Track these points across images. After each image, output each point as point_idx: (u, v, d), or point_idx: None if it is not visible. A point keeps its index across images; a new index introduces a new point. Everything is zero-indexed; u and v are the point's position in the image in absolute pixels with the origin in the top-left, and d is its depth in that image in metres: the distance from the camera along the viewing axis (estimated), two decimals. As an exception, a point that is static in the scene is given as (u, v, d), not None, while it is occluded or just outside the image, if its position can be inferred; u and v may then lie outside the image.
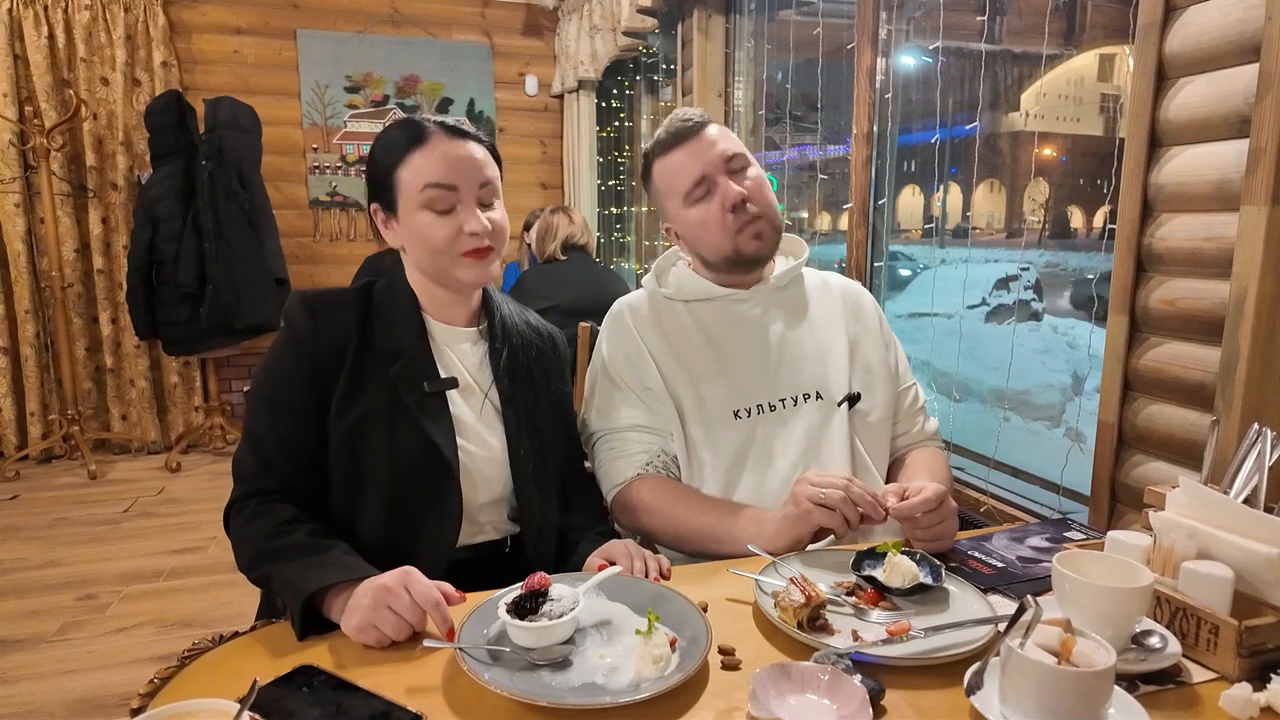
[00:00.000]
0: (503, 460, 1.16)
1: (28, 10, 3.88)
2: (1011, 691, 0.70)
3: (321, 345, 1.08)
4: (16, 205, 3.97)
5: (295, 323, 1.09)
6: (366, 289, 1.16)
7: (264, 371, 1.10)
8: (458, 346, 1.18)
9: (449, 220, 1.10)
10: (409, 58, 4.54)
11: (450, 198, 1.10)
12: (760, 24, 3.17)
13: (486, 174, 1.13)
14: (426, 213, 1.09)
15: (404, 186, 1.11)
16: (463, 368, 1.17)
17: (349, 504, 1.09)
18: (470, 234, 1.10)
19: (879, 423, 1.30)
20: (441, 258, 1.11)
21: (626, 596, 0.93)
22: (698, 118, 1.28)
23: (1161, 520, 0.93)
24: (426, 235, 1.10)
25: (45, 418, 4.16)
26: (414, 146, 1.10)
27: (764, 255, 1.30)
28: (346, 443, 1.07)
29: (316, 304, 1.10)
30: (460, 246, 1.10)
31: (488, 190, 1.13)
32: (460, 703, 0.76)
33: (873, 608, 0.93)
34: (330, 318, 1.10)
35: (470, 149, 1.12)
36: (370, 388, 1.08)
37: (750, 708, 0.72)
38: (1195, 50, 1.23)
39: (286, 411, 1.07)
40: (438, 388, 1.11)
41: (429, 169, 1.09)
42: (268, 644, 0.87)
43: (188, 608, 2.61)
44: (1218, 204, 1.20)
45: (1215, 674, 0.81)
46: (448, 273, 1.12)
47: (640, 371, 1.28)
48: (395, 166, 1.11)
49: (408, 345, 1.12)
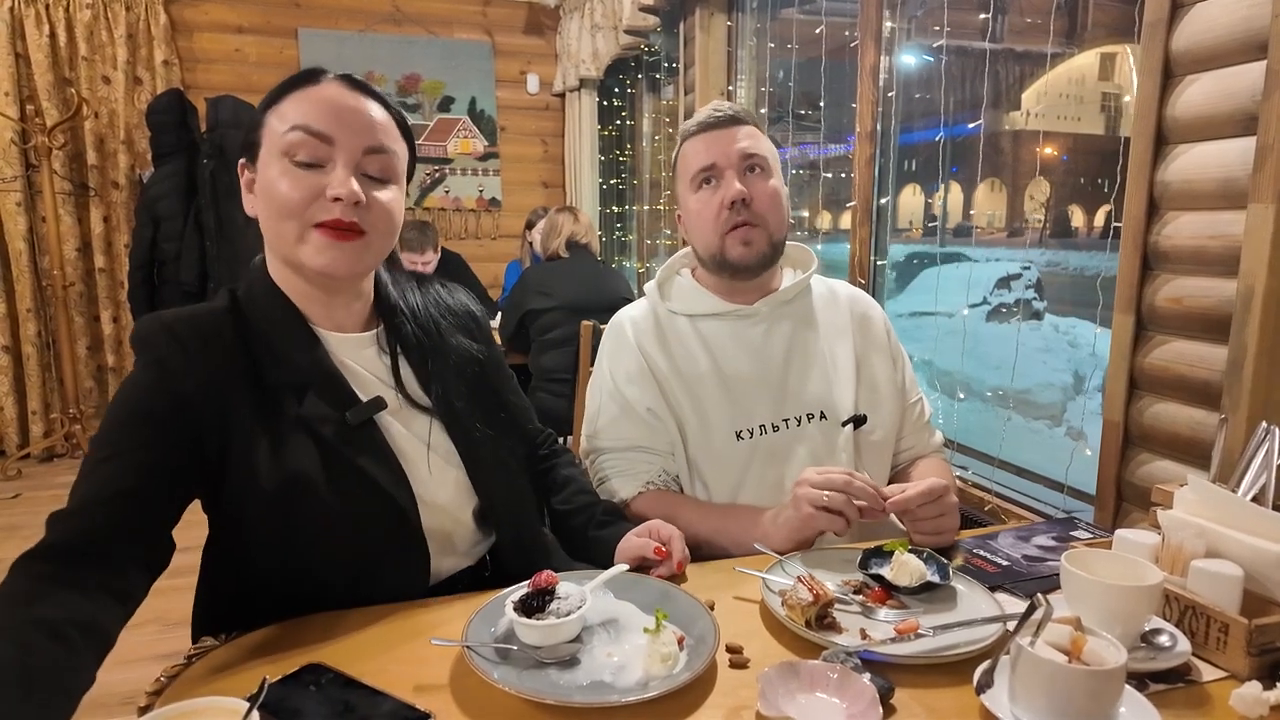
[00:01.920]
0: (462, 479, 1.01)
1: (29, 9, 3.88)
2: (1022, 690, 0.70)
3: (192, 383, 0.85)
4: (18, 204, 3.96)
5: (159, 354, 0.85)
6: (232, 302, 0.93)
7: (113, 410, 0.85)
8: (360, 357, 0.97)
9: (309, 177, 0.86)
10: (410, 56, 4.54)
11: (319, 149, 0.87)
12: (763, 22, 3.16)
13: (379, 138, 0.91)
14: (284, 162, 0.87)
15: (269, 130, 0.89)
16: (378, 381, 0.97)
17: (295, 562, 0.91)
18: (331, 197, 0.86)
19: (882, 441, 1.29)
20: (286, 224, 0.87)
21: (633, 595, 0.93)
22: (729, 111, 1.25)
23: (1170, 519, 0.93)
24: (273, 190, 0.86)
25: (47, 416, 4.16)
26: (298, 86, 0.90)
27: (748, 264, 1.23)
28: (277, 503, 0.87)
29: (183, 330, 0.87)
30: (314, 214, 0.87)
31: (378, 160, 0.90)
32: (468, 701, 0.75)
33: (880, 606, 0.93)
34: (205, 349, 0.87)
35: (366, 104, 0.91)
36: (285, 434, 0.88)
37: (760, 706, 0.72)
38: (1201, 47, 1.23)
39: (136, 450, 0.82)
40: (362, 416, 0.91)
41: (302, 110, 0.87)
42: (274, 642, 0.86)
43: (189, 607, 2.60)
44: (1224, 202, 1.20)
45: (1225, 672, 0.81)
46: (291, 249, 0.88)
47: (642, 390, 1.25)
48: (268, 107, 0.91)
49: (309, 370, 0.91)
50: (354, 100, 0.90)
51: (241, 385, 0.87)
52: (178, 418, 0.84)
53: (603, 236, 4.59)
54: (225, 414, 0.86)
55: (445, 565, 1.01)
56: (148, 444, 0.82)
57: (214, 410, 0.85)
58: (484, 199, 4.74)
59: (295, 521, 0.89)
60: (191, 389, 0.85)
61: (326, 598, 0.92)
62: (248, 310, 0.92)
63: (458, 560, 1.04)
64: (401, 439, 0.97)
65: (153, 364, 0.86)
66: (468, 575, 1.05)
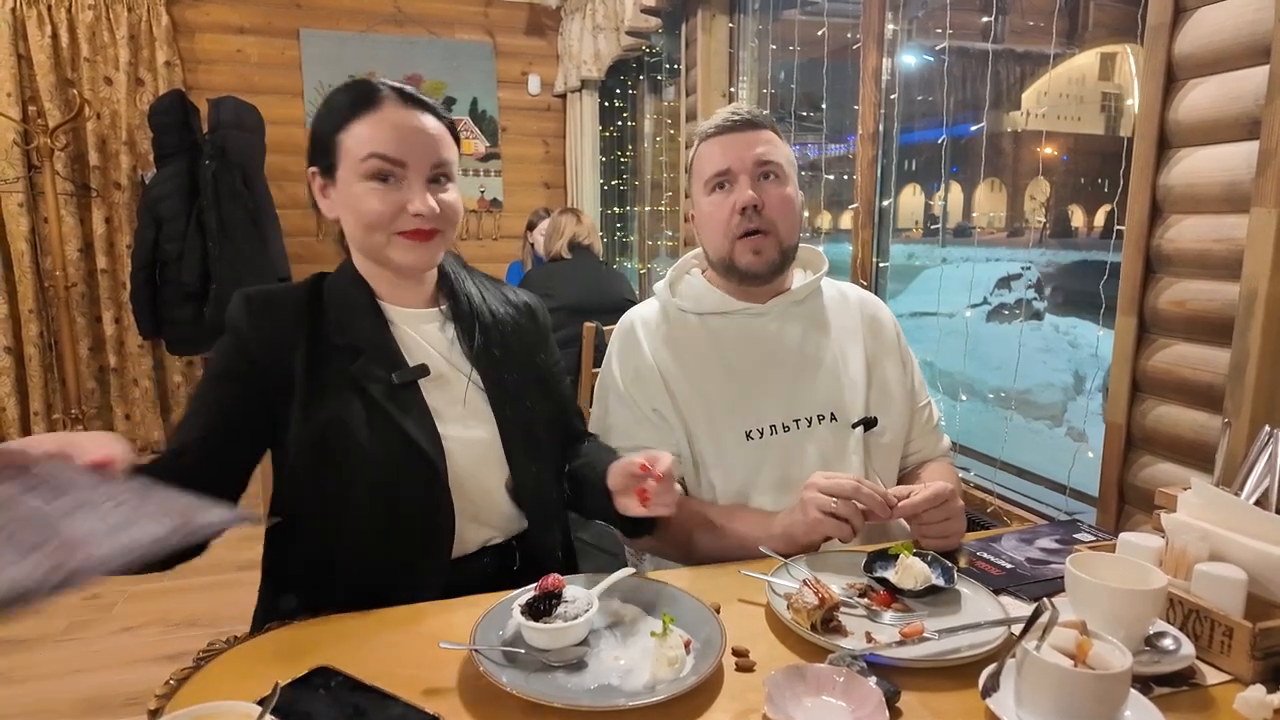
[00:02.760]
0: (495, 447, 1.08)
1: (31, 10, 3.88)
2: (1028, 694, 0.70)
3: (259, 345, 1.00)
4: (20, 205, 3.97)
5: (235, 323, 1.02)
6: (316, 282, 1.08)
7: (205, 370, 1.04)
8: (421, 329, 1.09)
9: (390, 193, 1.01)
10: (412, 57, 4.54)
11: (395, 171, 1.01)
12: (764, 23, 3.17)
13: (441, 153, 1.04)
14: (366, 183, 1.00)
15: (346, 153, 1.01)
16: (433, 353, 1.08)
17: (325, 525, 1.01)
18: (413, 214, 1.01)
19: (892, 444, 1.29)
20: (375, 234, 1.02)
21: (639, 598, 0.93)
22: (746, 115, 1.25)
23: (1174, 522, 0.93)
24: (362, 207, 1.01)
25: (49, 417, 4.16)
26: (363, 110, 1.01)
27: (756, 271, 1.24)
28: (317, 452, 0.99)
29: (257, 302, 1.03)
30: (398, 225, 1.01)
31: (441, 169, 1.04)
32: (476, 704, 0.76)
33: (885, 609, 0.93)
34: (270, 316, 1.02)
35: (425, 121, 1.03)
36: (332, 390, 1.00)
37: (767, 709, 0.72)
38: (1205, 52, 1.23)
39: (213, 410, 0.99)
40: (407, 378, 1.03)
41: (376, 137, 1.00)
42: (283, 645, 0.87)
43: (193, 607, 2.61)
44: (1228, 206, 1.20)
45: (1229, 676, 0.81)
46: (381, 252, 1.03)
47: (649, 391, 1.25)
48: (339, 129, 1.02)
49: (366, 336, 1.04)
50: (415, 121, 1.03)
51: (304, 346, 1.01)
52: (251, 375, 0.99)
53: (604, 238, 4.58)
54: (288, 371, 1.00)
55: (471, 534, 1.06)
56: (221, 396, 1.00)
57: (279, 369, 0.99)
58: (485, 200, 4.74)
59: (332, 465, 0.99)
60: (255, 346, 1.00)
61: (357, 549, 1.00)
62: (327, 287, 1.07)
63: (486, 532, 1.08)
64: (444, 405, 1.06)
65: (231, 331, 1.02)
66: (495, 560, 1.08)
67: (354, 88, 1.04)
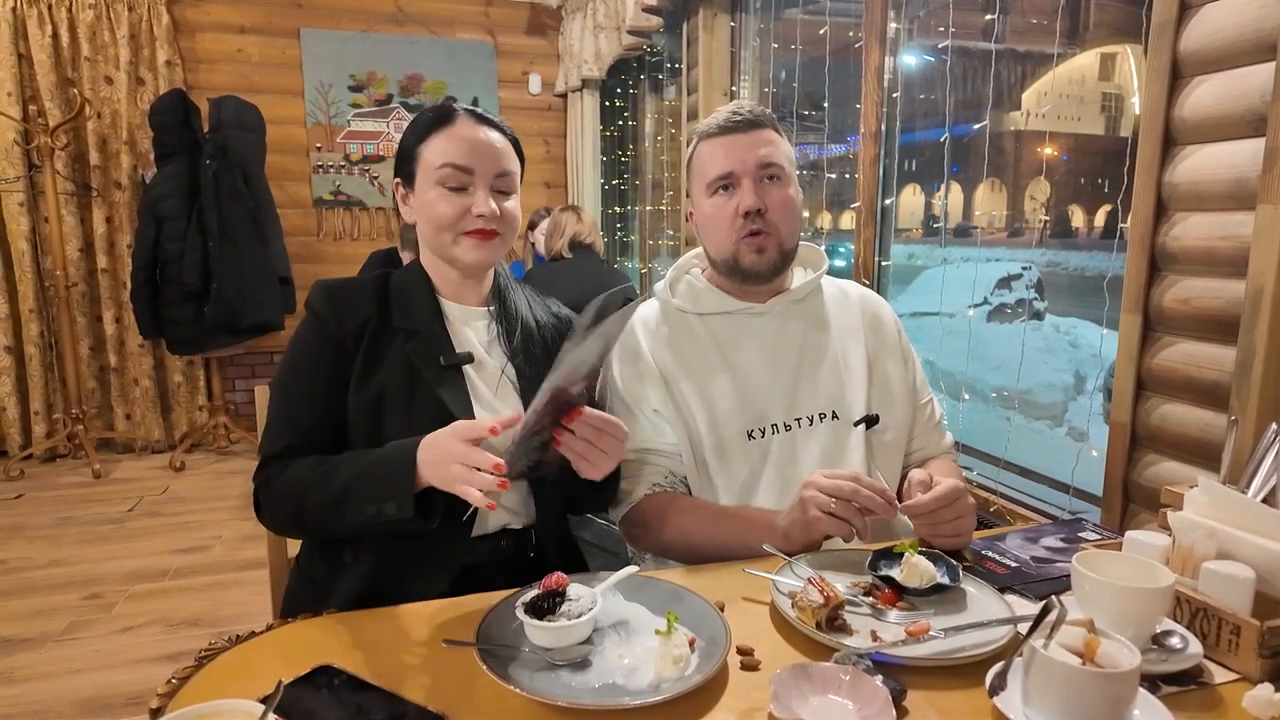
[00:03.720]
0: None
1: (32, 9, 3.88)
2: (1036, 693, 0.70)
3: (342, 329, 1.12)
4: (20, 204, 3.97)
5: (318, 309, 1.13)
6: (384, 277, 1.20)
7: (288, 358, 1.14)
8: (473, 324, 1.21)
9: (458, 198, 1.13)
10: (412, 57, 4.54)
11: (464, 178, 1.13)
12: (766, 22, 3.16)
13: (505, 164, 1.17)
14: (438, 189, 1.13)
15: (423, 163, 1.15)
16: (477, 344, 1.19)
17: None
18: (477, 215, 1.13)
19: (894, 441, 1.28)
20: (444, 234, 1.14)
21: (643, 597, 0.93)
22: (748, 114, 1.24)
23: (1181, 520, 0.93)
24: (434, 210, 1.14)
25: (49, 417, 4.16)
26: (439, 126, 1.15)
27: (760, 271, 1.25)
28: (365, 416, 1.10)
29: (336, 291, 1.15)
30: (464, 225, 1.14)
31: (504, 180, 1.17)
32: (480, 703, 0.75)
33: (890, 608, 0.92)
34: (349, 302, 1.14)
35: (491, 136, 1.17)
36: (387, 363, 1.12)
37: (772, 708, 0.71)
38: (1210, 49, 1.22)
39: (309, 395, 1.11)
40: (454, 361, 1.15)
41: (449, 148, 1.13)
42: (284, 644, 0.86)
43: (193, 607, 2.61)
44: (1233, 203, 1.20)
45: (1237, 675, 0.81)
46: (449, 250, 1.16)
47: (650, 391, 1.25)
48: (419, 143, 1.16)
49: (423, 323, 1.16)
50: (484, 135, 1.16)
51: (372, 327, 1.13)
52: (328, 352, 1.11)
53: (605, 237, 4.57)
54: (357, 346, 1.12)
55: (493, 515, 1.14)
56: (313, 379, 1.11)
57: (352, 343, 1.12)
58: (486, 199, 4.73)
59: (373, 437, 1.08)
60: (335, 329, 1.12)
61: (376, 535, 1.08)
62: (395, 280, 1.19)
63: (504, 516, 1.15)
64: (483, 391, 1.16)
65: (309, 317, 1.14)
66: (512, 543, 1.15)
67: (436, 109, 1.17)
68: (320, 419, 1.10)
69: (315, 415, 1.10)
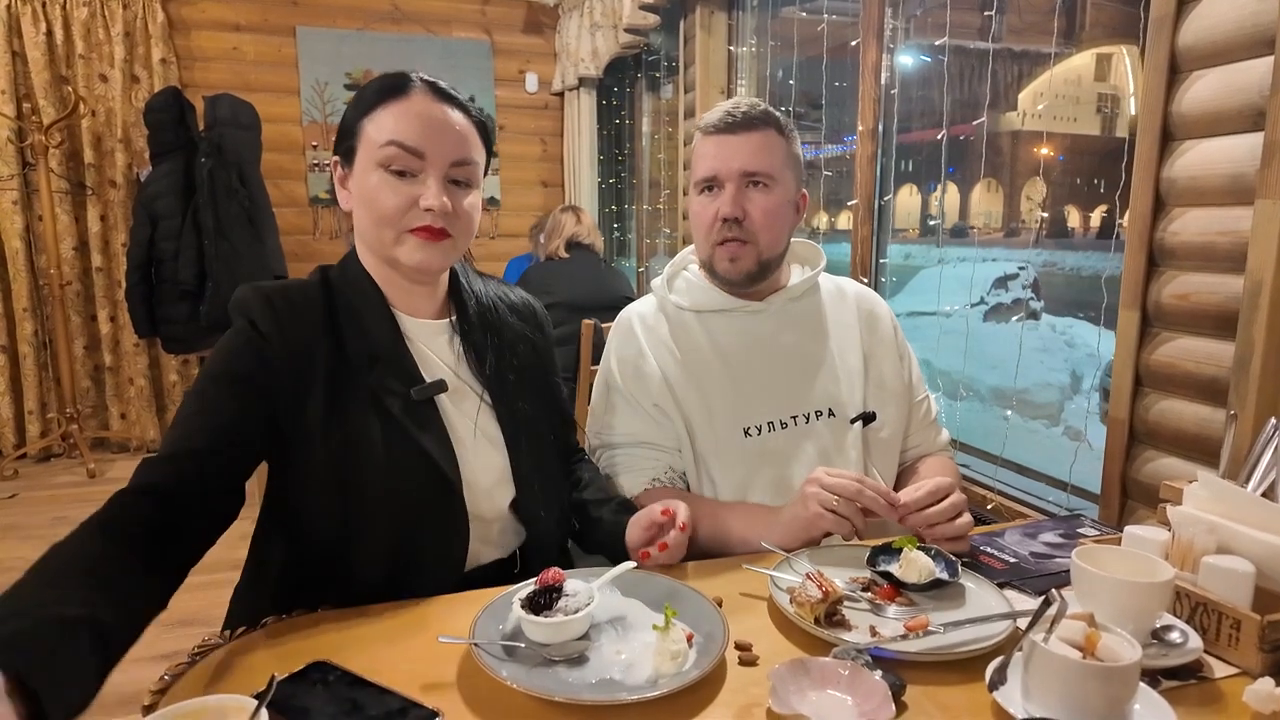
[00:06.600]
0: (505, 471, 1.06)
1: (25, 6, 3.86)
2: (1036, 686, 0.69)
3: (282, 349, 0.93)
4: (14, 203, 3.94)
5: (255, 319, 0.94)
6: (324, 279, 1.02)
7: (209, 366, 0.94)
8: (433, 343, 1.06)
9: (404, 186, 0.96)
10: (409, 55, 4.52)
11: (412, 162, 0.96)
12: (763, 20, 3.16)
13: (465, 151, 0.99)
14: (380, 172, 0.96)
15: (366, 139, 0.97)
16: (443, 366, 1.05)
17: (342, 533, 0.97)
18: (425, 208, 0.95)
19: (890, 439, 1.28)
20: (384, 230, 0.97)
21: (641, 592, 0.92)
22: (745, 114, 1.20)
23: (1180, 514, 0.92)
24: (373, 198, 0.96)
25: (44, 416, 4.14)
26: (390, 97, 0.97)
27: (733, 278, 1.23)
28: (334, 468, 0.94)
29: (279, 301, 0.96)
30: (409, 221, 0.96)
31: (463, 170, 0.99)
32: (477, 699, 0.75)
33: (889, 603, 0.92)
34: (295, 318, 0.96)
35: (451, 115, 0.99)
36: (353, 402, 0.95)
37: (771, 703, 0.71)
38: (1208, 43, 1.22)
39: (223, 407, 0.91)
40: (426, 394, 0.99)
41: (397, 126, 0.95)
42: (278, 641, 0.86)
43: (187, 606, 2.55)
44: (1231, 198, 1.19)
45: (1237, 669, 0.80)
46: (389, 250, 0.98)
47: (648, 387, 1.24)
48: (364, 115, 0.98)
49: (385, 347, 0.99)
50: (441, 113, 0.98)
51: (323, 352, 0.95)
52: (262, 377, 0.92)
53: (602, 236, 4.58)
54: (304, 377, 0.94)
55: (480, 553, 1.05)
56: (234, 401, 0.91)
57: (295, 373, 0.93)
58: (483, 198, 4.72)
59: (349, 484, 0.94)
60: (277, 352, 0.93)
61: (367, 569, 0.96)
62: (338, 287, 1.01)
63: (491, 550, 1.07)
64: (457, 421, 1.03)
65: (245, 328, 0.94)
66: (496, 567, 1.07)
67: (386, 77, 0.99)
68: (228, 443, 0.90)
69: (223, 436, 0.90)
